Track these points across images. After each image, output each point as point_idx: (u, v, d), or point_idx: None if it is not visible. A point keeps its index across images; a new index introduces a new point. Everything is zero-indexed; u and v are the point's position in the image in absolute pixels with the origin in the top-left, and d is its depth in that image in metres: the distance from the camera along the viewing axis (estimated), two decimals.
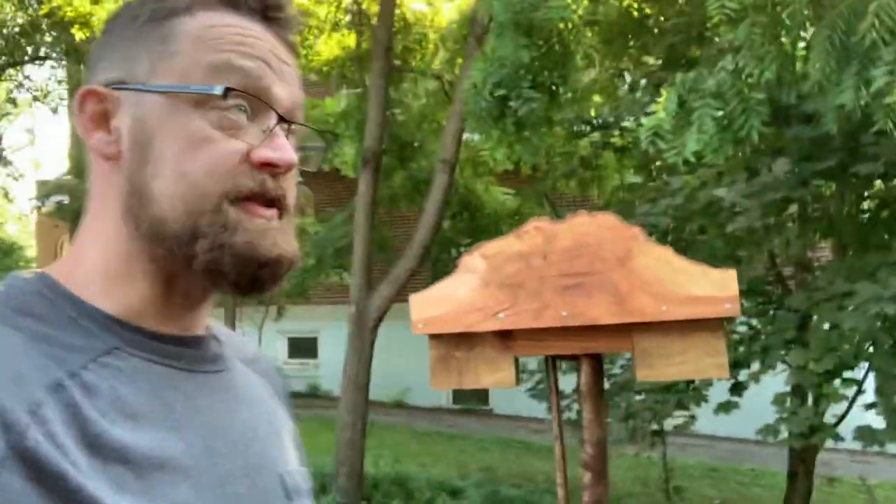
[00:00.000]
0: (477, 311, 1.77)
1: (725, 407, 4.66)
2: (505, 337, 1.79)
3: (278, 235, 0.68)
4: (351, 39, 9.30)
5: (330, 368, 11.49)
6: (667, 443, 6.10)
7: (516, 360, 1.82)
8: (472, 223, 8.74)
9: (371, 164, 6.83)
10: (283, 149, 0.68)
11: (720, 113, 3.79)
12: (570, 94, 5.29)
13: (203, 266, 0.66)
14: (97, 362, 0.63)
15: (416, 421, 11.75)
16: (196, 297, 0.71)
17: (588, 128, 6.67)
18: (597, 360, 1.81)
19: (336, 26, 9.50)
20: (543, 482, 7.74)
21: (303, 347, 13.77)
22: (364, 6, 8.76)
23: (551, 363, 1.87)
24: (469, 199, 8.61)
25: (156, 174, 0.66)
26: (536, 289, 1.74)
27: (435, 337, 1.83)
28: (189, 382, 0.69)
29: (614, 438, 4.99)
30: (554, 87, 5.12)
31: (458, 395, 12.50)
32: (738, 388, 4.60)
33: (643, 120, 4.60)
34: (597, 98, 6.25)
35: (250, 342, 0.90)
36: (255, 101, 0.67)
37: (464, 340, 1.81)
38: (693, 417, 5.22)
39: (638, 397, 5.14)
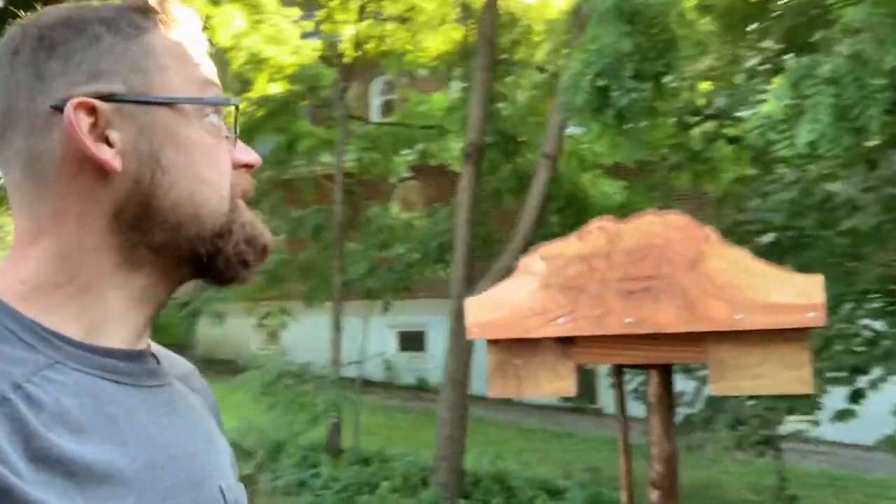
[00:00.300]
0: (535, 315, 1.68)
1: (843, 416, 4.32)
2: (566, 343, 1.69)
3: (263, 228, 0.76)
4: (458, 34, 9.28)
5: (438, 362, 11.57)
6: (784, 449, 5.75)
7: (578, 368, 1.72)
8: (579, 218, 8.51)
9: (473, 158, 6.78)
10: (250, 150, 0.75)
11: (837, 101, 3.50)
12: (677, 83, 5.03)
13: (230, 257, 0.72)
14: (40, 375, 0.63)
15: (525, 418, 11.64)
16: (156, 309, 0.74)
17: (698, 118, 6.35)
18: (666, 371, 1.68)
19: (443, 21, 9.51)
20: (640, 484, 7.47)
21: (412, 341, 13.92)
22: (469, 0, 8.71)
23: (617, 372, 1.75)
24: (575, 194, 8.41)
25: (173, 183, 0.69)
26: (598, 293, 1.63)
27: (492, 342, 1.75)
28: (131, 397, 0.69)
29: (721, 445, 4.74)
30: (659, 77, 4.89)
31: None
32: (857, 396, 4.25)
33: (760, 109, 4.33)
34: (707, 86, 5.93)
35: (183, 359, 0.89)
36: (222, 109, 0.74)
37: (522, 346, 1.72)
38: (815, 423, 4.89)
39: (748, 402, 4.86)
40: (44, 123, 0.68)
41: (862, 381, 4.18)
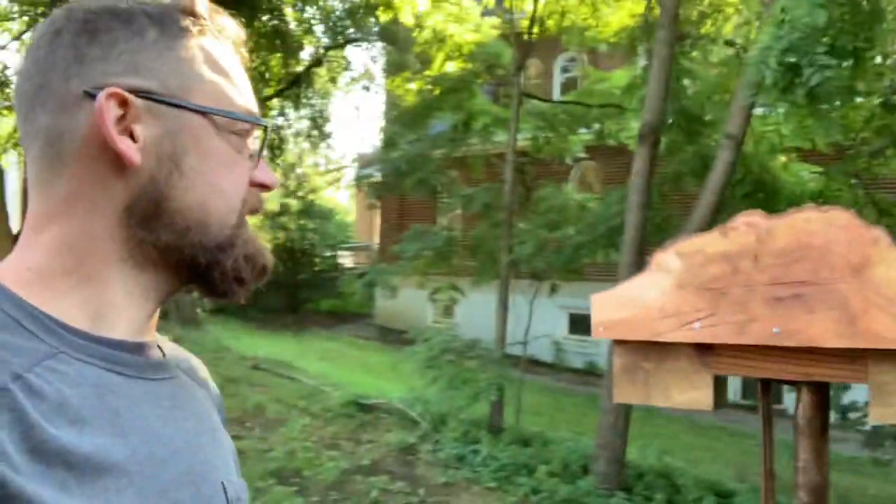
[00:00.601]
0: (668, 317, 1.52)
1: None
2: (703, 351, 1.52)
3: (265, 244, 0.78)
4: (641, 7, 8.88)
5: (607, 347, 11.30)
6: None
7: (717, 379, 1.55)
8: (767, 204, 7.91)
9: (649, 139, 6.47)
10: (270, 173, 0.78)
11: None
12: (881, 61, 4.50)
13: (228, 272, 0.74)
14: (42, 365, 0.63)
15: (700, 414, 11.13)
16: (157, 305, 0.75)
17: None
18: (820, 390, 1.47)
19: None
20: (835, 500, 6.89)
21: (583, 324, 13.69)
22: None
23: (763, 387, 1.56)
24: (763, 178, 7.81)
25: (189, 187, 0.71)
26: (742, 297, 1.44)
27: (619, 343, 1.61)
28: (134, 389, 0.70)
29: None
30: (859, 53, 4.39)
31: (749, 389, 11.61)
32: None
33: None
34: None
35: (189, 353, 0.89)
36: (255, 129, 0.77)
37: (654, 350, 1.57)
38: None
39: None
40: (73, 105, 0.68)
41: None
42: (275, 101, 14.65)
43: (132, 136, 0.69)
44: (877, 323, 1.32)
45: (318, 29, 14.79)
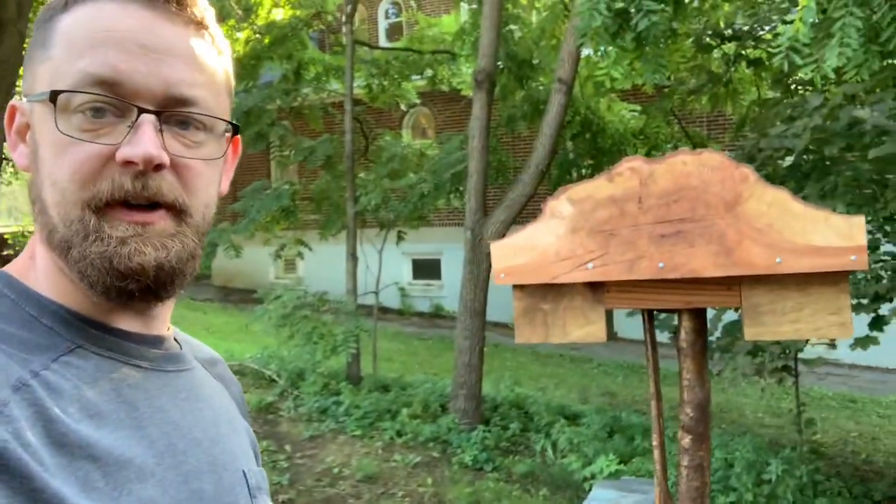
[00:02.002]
0: (563, 260, 1.63)
1: (863, 343, 4.31)
2: (596, 288, 1.64)
3: (143, 242, 0.65)
4: None
5: (453, 289, 11.62)
6: (802, 373, 5.76)
7: (608, 313, 1.68)
8: (594, 144, 8.39)
9: (485, 85, 6.62)
10: (140, 143, 0.64)
11: (865, 22, 3.35)
12: (696, 4, 4.84)
13: (76, 276, 0.66)
14: (59, 361, 0.63)
15: (540, 344, 11.74)
16: (128, 301, 0.68)
17: (719, 39, 6.15)
18: (699, 315, 1.64)
19: None
20: (667, 409, 7.57)
21: (426, 269, 13.98)
22: None
23: (647, 316, 1.71)
24: (591, 119, 8.24)
25: (42, 183, 0.66)
26: (630, 237, 1.57)
27: (519, 287, 1.71)
28: (151, 381, 0.69)
29: (738, 372, 4.75)
30: None
31: None
32: (878, 324, 4.23)
33: (780, 29, 4.16)
34: (727, 7, 5.72)
35: (209, 348, 0.89)
36: (112, 98, 0.65)
37: (551, 292, 1.68)
38: (833, 346, 4.89)
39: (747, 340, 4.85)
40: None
41: (884, 309, 4.15)
42: None
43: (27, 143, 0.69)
44: (749, 253, 1.49)
45: None
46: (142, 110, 0.65)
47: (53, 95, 0.64)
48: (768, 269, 1.48)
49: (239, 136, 0.77)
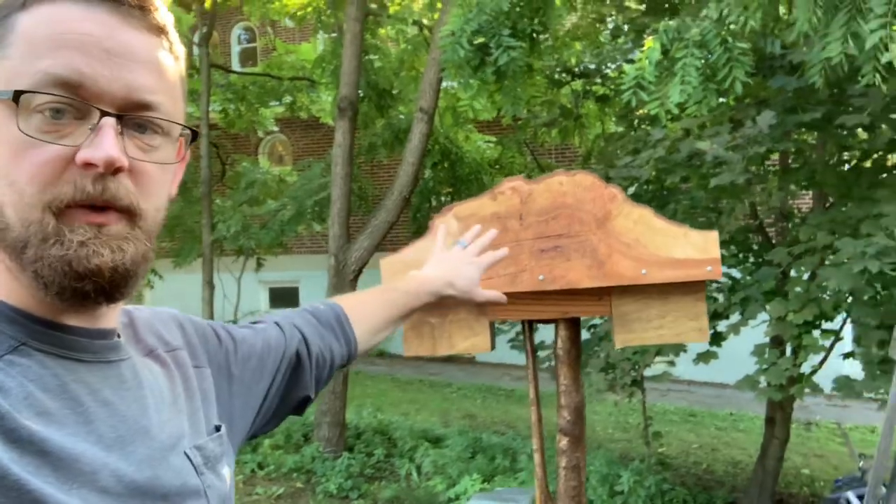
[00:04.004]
0: None
1: (704, 358, 4.67)
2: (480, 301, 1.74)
3: (101, 244, 0.66)
4: None
5: None
6: (647, 389, 6.15)
7: (492, 325, 1.78)
8: (453, 172, 8.63)
9: (347, 113, 6.68)
10: (101, 146, 0.64)
11: (704, 63, 3.70)
12: (550, 42, 5.15)
13: (30, 278, 0.65)
14: (4, 360, 0.63)
15: (400, 370, 11.81)
16: (83, 302, 0.68)
17: (569, 76, 6.54)
18: (574, 325, 1.77)
19: None
20: (525, 429, 7.82)
21: (284, 296, 13.71)
22: None
23: (528, 327, 1.83)
24: (449, 148, 8.49)
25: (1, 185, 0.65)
26: (512, 252, 1.68)
27: None
28: (94, 374, 0.70)
29: (594, 389, 5.01)
30: (534, 35, 4.98)
31: None
32: (717, 339, 4.60)
33: (625, 68, 4.50)
34: (578, 46, 6.11)
35: (154, 311, 0.89)
36: (74, 100, 0.65)
37: (437, 306, 1.75)
38: (672, 364, 5.25)
39: (618, 348, 5.15)
40: None
41: (722, 326, 4.52)
42: None
43: None
44: (618, 265, 1.64)
45: None
46: (103, 113, 0.65)
47: (17, 95, 0.63)
48: (634, 280, 1.63)
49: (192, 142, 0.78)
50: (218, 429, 0.86)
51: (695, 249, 1.61)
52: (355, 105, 6.92)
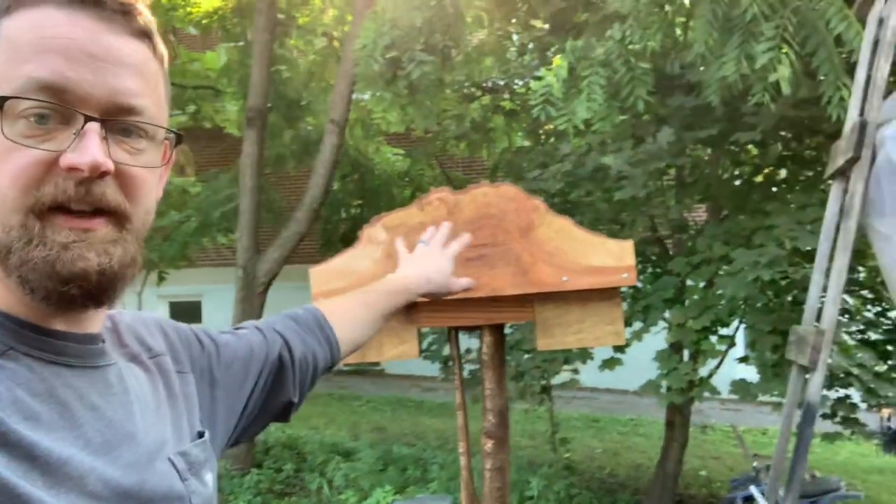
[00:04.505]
0: None
1: (610, 364, 4.85)
2: (408, 309, 1.77)
3: (87, 248, 0.66)
4: None
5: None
6: (553, 397, 6.32)
7: (419, 332, 1.82)
8: (363, 184, 8.64)
9: (256, 123, 6.61)
10: (86, 151, 0.65)
11: (608, 81, 3.87)
12: (461, 57, 5.26)
13: (15, 282, 0.65)
14: None
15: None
16: (69, 306, 0.69)
17: (479, 91, 6.68)
18: (499, 330, 1.83)
19: None
20: (435, 440, 7.88)
21: (186, 311, 13.33)
22: None
23: (453, 333, 1.88)
24: (359, 160, 8.50)
25: None
26: None
27: None
28: (81, 379, 0.70)
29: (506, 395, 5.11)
30: (446, 50, 5.08)
31: None
32: (621, 346, 4.79)
33: (532, 84, 4.65)
34: (488, 62, 6.25)
35: (138, 317, 0.90)
36: (58, 105, 0.65)
37: None
38: (576, 371, 5.42)
39: (527, 356, 5.28)
40: None
41: (626, 333, 4.71)
42: None
43: None
44: (541, 273, 1.71)
45: None
46: (88, 118, 0.66)
47: (1, 101, 0.64)
48: (556, 287, 1.71)
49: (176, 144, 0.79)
50: (201, 434, 0.86)
51: (611, 257, 1.70)
52: (264, 115, 6.85)
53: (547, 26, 6.60)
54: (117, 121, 0.68)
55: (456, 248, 1.52)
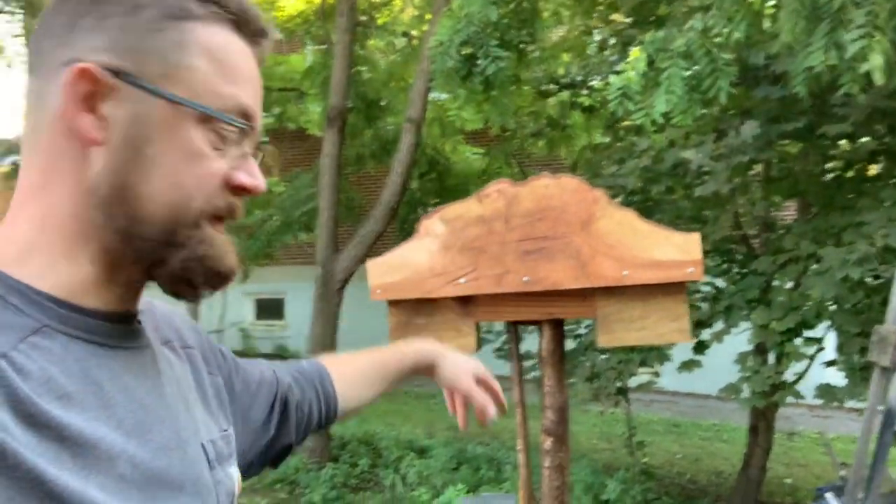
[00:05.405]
0: (437, 276, 1.74)
1: (688, 366, 4.70)
2: (466, 302, 1.76)
3: (232, 251, 0.75)
4: None
5: (297, 329, 11.44)
6: (630, 400, 6.18)
7: (478, 326, 1.80)
8: (440, 183, 8.65)
9: (336, 123, 6.71)
10: (257, 175, 0.74)
11: (689, 73, 3.75)
12: (537, 53, 5.20)
13: (175, 272, 0.71)
14: (27, 342, 0.63)
15: None
16: (135, 285, 0.74)
17: (556, 87, 6.59)
18: (558, 326, 1.79)
19: None
20: (510, 439, 7.82)
21: (270, 308, 13.67)
22: None
23: (513, 328, 1.85)
24: (437, 159, 8.52)
25: (147, 177, 0.68)
26: (498, 254, 1.70)
27: (394, 303, 1.79)
28: (115, 360, 0.70)
29: (579, 398, 5.03)
30: (522, 46, 5.03)
31: None
32: (700, 348, 4.64)
33: (611, 79, 4.55)
34: (565, 57, 6.17)
35: (166, 306, 0.90)
36: (251, 131, 0.73)
37: (424, 307, 1.78)
38: (657, 374, 5.29)
39: (602, 357, 5.18)
40: (55, 74, 0.67)
41: (706, 334, 4.56)
42: None
43: (97, 115, 0.66)
44: (601, 266, 1.66)
45: None
46: (257, 146, 0.75)
47: (231, 120, 0.70)
48: (616, 281, 1.66)
49: None
50: (226, 430, 0.86)
51: (677, 251, 1.63)
52: (344, 115, 6.95)
53: (629, 20, 6.47)
54: (259, 149, 0.76)
55: (485, 376, 1.29)
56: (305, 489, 6.26)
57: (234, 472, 0.84)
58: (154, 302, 0.86)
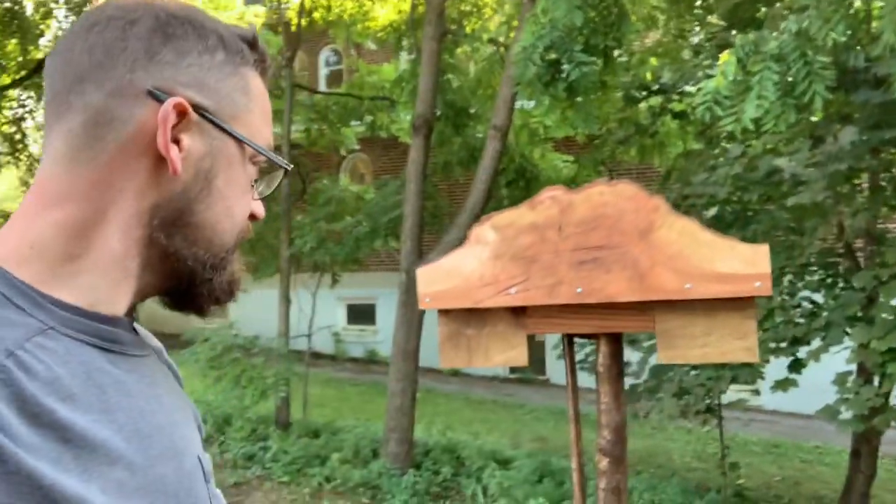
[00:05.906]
0: (487, 285, 1.67)
1: (783, 385, 4.45)
2: (518, 313, 1.69)
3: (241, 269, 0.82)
4: (407, 4, 9.16)
5: (387, 334, 11.55)
6: (726, 418, 5.91)
7: (530, 339, 1.72)
8: (528, 191, 8.55)
9: (423, 131, 6.73)
10: (261, 205, 0.82)
11: (782, 77, 3.55)
12: (626, 58, 5.05)
13: (208, 288, 0.77)
14: (32, 342, 0.64)
15: (473, 389, 11.74)
16: (146, 297, 0.78)
17: (645, 93, 6.40)
18: (615, 340, 1.69)
19: None
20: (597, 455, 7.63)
21: (361, 313, 13.88)
22: None
23: (567, 342, 1.76)
24: (525, 167, 8.43)
25: (211, 205, 0.74)
26: (550, 263, 1.62)
27: (444, 313, 1.73)
28: (118, 365, 0.71)
29: (665, 414, 4.85)
30: (608, 51, 4.90)
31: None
32: (796, 366, 4.38)
33: (703, 84, 4.37)
34: (654, 62, 5.98)
35: (151, 335, 0.90)
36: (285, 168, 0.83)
37: (475, 317, 1.71)
38: (757, 392, 5.04)
39: (693, 372, 4.98)
40: (132, 97, 0.70)
41: (802, 352, 4.31)
42: (13, 91, 13.20)
43: (179, 146, 0.71)
44: (661, 278, 1.56)
45: (59, 13, 13.55)
46: (257, 180, 0.82)
47: (281, 161, 0.80)
48: (678, 294, 1.55)
49: None
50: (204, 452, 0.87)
51: (742, 263, 1.52)
52: (430, 123, 6.97)
53: (724, 23, 6.23)
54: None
55: None
56: (387, 494, 6.29)
57: (219, 492, 0.85)
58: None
